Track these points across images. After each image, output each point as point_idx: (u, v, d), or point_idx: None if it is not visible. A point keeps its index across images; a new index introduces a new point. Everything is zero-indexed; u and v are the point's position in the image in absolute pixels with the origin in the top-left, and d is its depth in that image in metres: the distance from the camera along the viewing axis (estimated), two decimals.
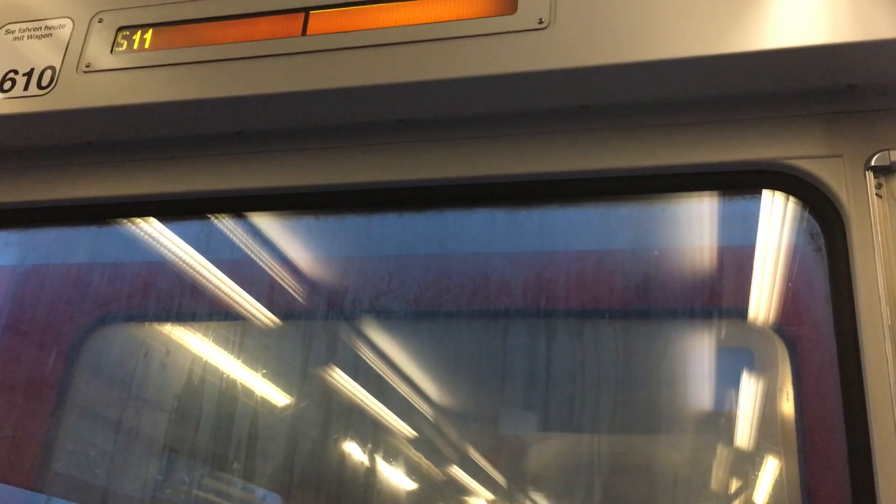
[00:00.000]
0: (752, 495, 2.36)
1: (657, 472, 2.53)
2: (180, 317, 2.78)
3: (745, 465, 2.37)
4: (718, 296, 2.37)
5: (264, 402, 2.71)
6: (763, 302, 2.26)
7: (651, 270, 2.41)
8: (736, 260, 2.36)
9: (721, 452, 2.42)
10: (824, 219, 1.94)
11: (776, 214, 2.11)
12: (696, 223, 2.29)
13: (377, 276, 2.51)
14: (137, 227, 2.59)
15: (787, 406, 2.21)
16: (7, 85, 2.32)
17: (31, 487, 2.76)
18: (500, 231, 2.36)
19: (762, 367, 2.38)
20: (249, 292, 2.70)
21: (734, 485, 2.42)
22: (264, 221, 2.60)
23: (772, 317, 2.26)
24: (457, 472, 2.69)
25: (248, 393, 2.71)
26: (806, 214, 2.01)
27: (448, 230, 2.41)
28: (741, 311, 2.33)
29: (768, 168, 2.02)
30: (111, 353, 2.85)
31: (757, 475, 2.31)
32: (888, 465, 1.71)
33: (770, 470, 2.29)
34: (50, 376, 2.76)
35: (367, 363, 2.70)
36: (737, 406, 2.38)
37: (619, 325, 2.47)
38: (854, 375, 1.80)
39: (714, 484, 2.41)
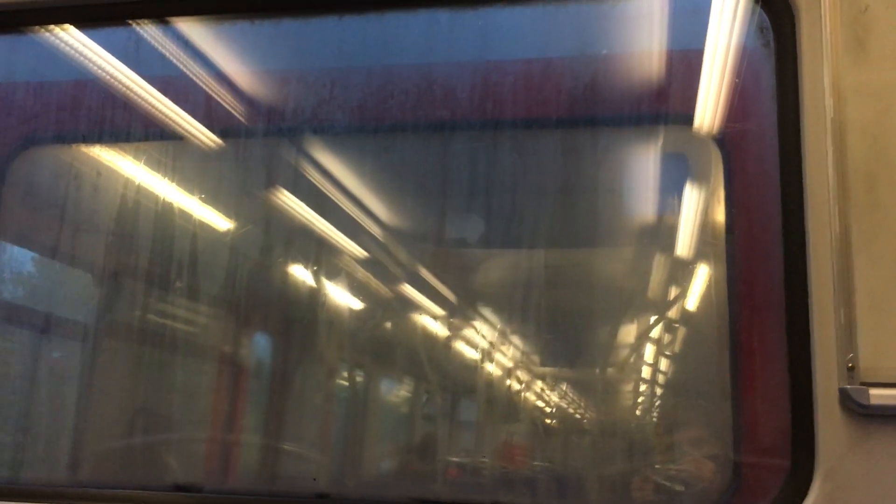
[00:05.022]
0: (683, 302, 2.43)
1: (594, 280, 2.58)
2: (111, 137, 2.65)
3: (676, 272, 2.44)
4: (657, 101, 2.35)
5: (203, 226, 2.66)
6: (709, 107, 2.25)
7: (598, 77, 2.36)
8: (683, 63, 2.32)
9: (655, 260, 2.48)
10: (774, 12, 1.89)
11: (727, 9, 2.06)
12: (645, 21, 2.22)
13: (318, 86, 2.40)
14: (57, 37, 2.41)
15: (720, 210, 2.24)
16: None
17: None
18: (443, 34, 2.26)
19: (698, 172, 2.39)
20: (185, 109, 2.58)
21: (665, 292, 2.49)
22: (195, 30, 2.44)
23: (715, 121, 2.25)
24: (401, 288, 2.72)
25: (187, 216, 2.64)
26: (757, 8, 1.96)
27: (389, 34, 2.29)
28: (685, 116, 2.31)
29: None
30: (40, 176, 2.73)
31: (685, 285, 2.38)
32: (820, 255, 1.75)
33: (701, 277, 2.35)
34: None
35: (310, 181, 2.64)
36: (674, 212, 2.41)
37: (559, 133, 2.44)
38: (794, 169, 1.81)
39: (648, 292, 2.47)
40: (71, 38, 2.46)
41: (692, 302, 2.37)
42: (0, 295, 2.83)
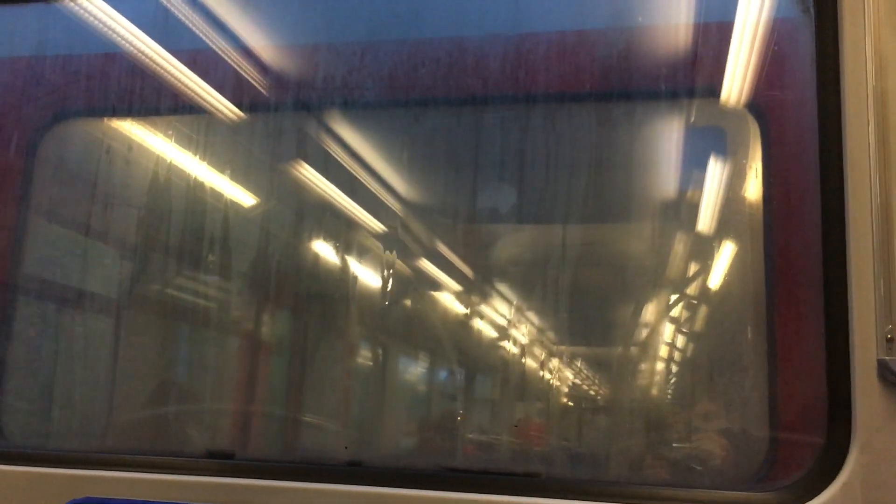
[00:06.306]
0: (715, 280, 2.40)
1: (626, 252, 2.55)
2: (140, 112, 2.65)
3: (711, 250, 2.40)
4: (694, 73, 2.31)
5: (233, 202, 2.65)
6: (738, 78, 2.21)
7: (630, 49, 2.33)
8: (716, 35, 2.29)
9: (686, 238, 2.45)
10: None
11: None
12: None
13: (348, 56, 2.38)
14: (83, 8, 2.42)
15: (756, 184, 2.20)
16: None
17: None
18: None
19: (733, 146, 2.36)
20: (211, 82, 2.57)
21: (697, 270, 2.46)
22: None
23: (750, 92, 2.21)
24: (427, 265, 2.70)
25: (215, 190, 2.64)
26: None
27: (421, 5, 2.27)
28: (716, 88, 2.27)
29: None
30: (72, 150, 2.74)
31: (721, 259, 2.35)
32: (860, 226, 1.73)
33: (733, 253, 2.32)
34: (8, 174, 2.66)
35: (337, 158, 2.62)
36: (706, 187, 2.37)
37: (593, 107, 2.41)
38: (834, 139, 1.79)
39: (677, 271, 2.44)
40: (98, 10, 2.46)
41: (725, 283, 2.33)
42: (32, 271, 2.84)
